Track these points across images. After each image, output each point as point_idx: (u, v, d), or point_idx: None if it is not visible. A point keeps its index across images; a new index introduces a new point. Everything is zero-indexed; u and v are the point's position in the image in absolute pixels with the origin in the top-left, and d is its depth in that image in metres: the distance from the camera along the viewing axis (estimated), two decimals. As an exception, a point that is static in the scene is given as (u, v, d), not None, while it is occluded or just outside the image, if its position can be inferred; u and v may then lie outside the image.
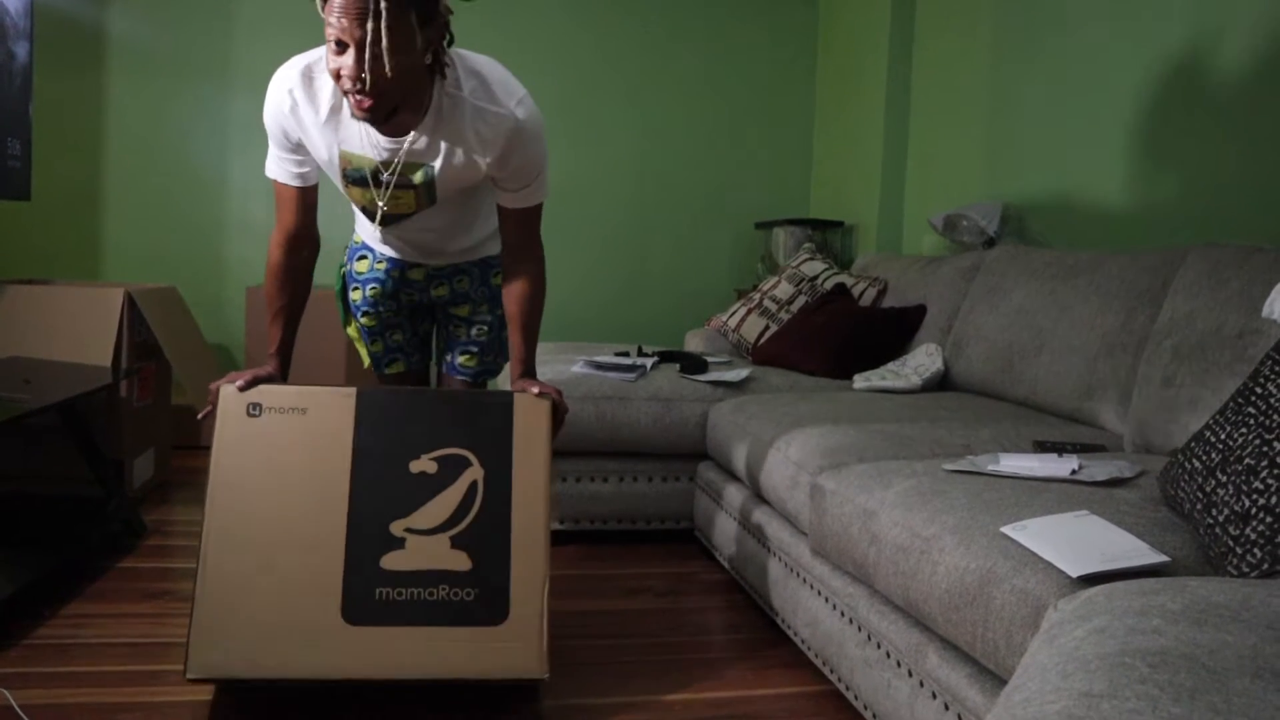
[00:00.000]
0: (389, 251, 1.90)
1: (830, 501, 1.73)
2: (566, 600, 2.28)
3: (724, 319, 3.56)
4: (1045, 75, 3.05)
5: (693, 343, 3.65)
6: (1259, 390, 1.27)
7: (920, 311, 2.97)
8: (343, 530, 1.56)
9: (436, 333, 2.06)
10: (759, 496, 2.24)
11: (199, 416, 1.68)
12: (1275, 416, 1.20)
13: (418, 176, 1.63)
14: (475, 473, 1.62)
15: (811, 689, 1.86)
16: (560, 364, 2.81)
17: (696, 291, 4.52)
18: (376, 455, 1.61)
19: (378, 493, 1.59)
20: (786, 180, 4.65)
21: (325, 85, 1.55)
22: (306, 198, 1.70)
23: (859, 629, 1.66)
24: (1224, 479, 1.22)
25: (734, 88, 4.55)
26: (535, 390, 1.70)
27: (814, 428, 2.07)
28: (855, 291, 3.30)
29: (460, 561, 1.58)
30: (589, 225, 4.40)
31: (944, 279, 2.95)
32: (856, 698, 1.67)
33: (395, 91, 1.44)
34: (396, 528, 1.58)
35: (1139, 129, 2.63)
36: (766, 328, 3.36)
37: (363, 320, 1.96)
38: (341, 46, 1.39)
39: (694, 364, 2.85)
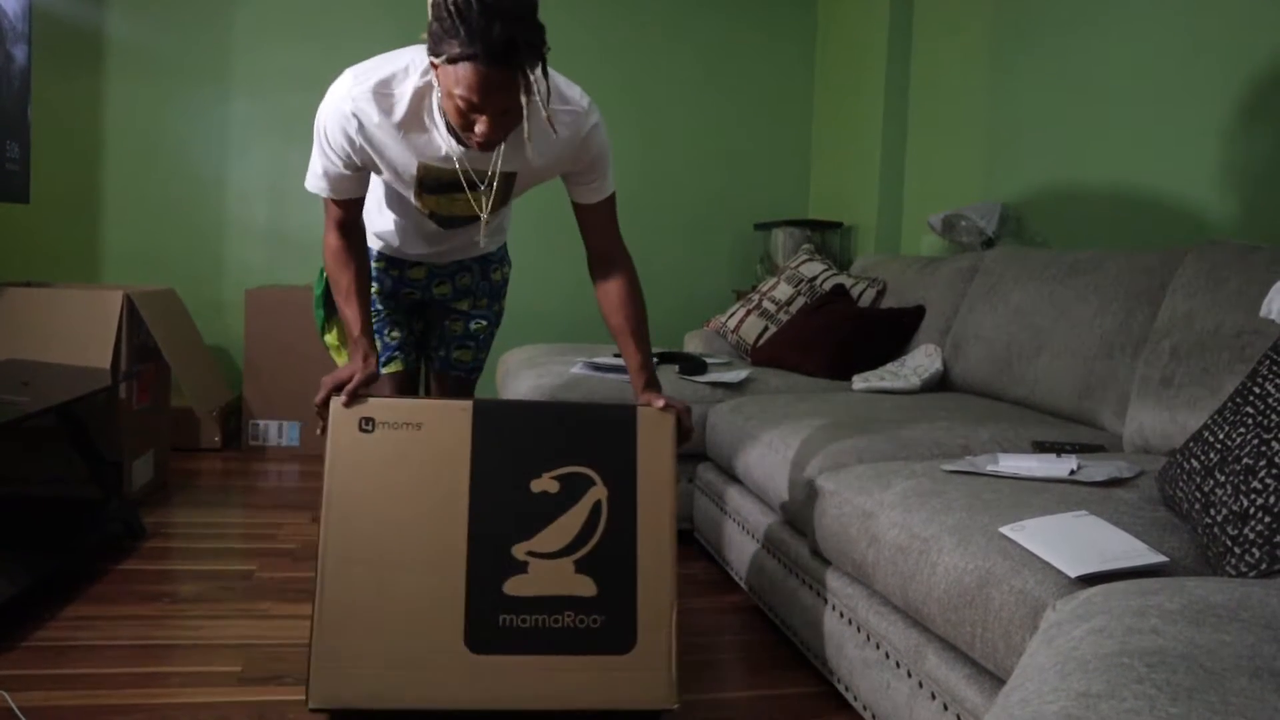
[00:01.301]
0: (399, 250, 1.88)
1: (829, 502, 1.73)
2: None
3: (723, 320, 3.56)
4: (1043, 75, 3.05)
5: (692, 344, 3.65)
6: (1257, 390, 1.27)
7: (919, 312, 2.97)
8: (464, 552, 1.49)
9: (428, 329, 2.04)
10: (758, 498, 2.24)
11: (317, 432, 1.60)
12: (1273, 416, 1.20)
13: (499, 183, 1.65)
14: (599, 492, 1.55)
15: (810, 690, 1.86)
16: (559, 365, 2.81)
17: (695, 292, 4.52)
18: (496, 473, 1.53)
19: (498, 513, 1.52)
20: (785, 181, 4.66)
21: (402, 98, 1.52)
22: (348, 204, 1.70)
23: (858, 629, 1.66)
24: (1222, 479, 1.22)
25: (733, 89, 4.56)
26: (660, 404, 1.64)
27: (813, 429, 2.07)
28: (854, 292, 3.30)
29: (586, 587, 1.51)
30: (588, 227, 4.40)
31: (943, 280, 2.95)
32: (856, 698, 1.67)
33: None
34: (519, 551, 1.51)
35: (1137, 128, 2.63)
36: (765, 329, 3.36)
37: None
38: (475, 109, 1.39)
39: (693, 365, 2.85)
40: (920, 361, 2.73)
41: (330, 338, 1.99)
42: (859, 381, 2.73)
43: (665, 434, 1.59)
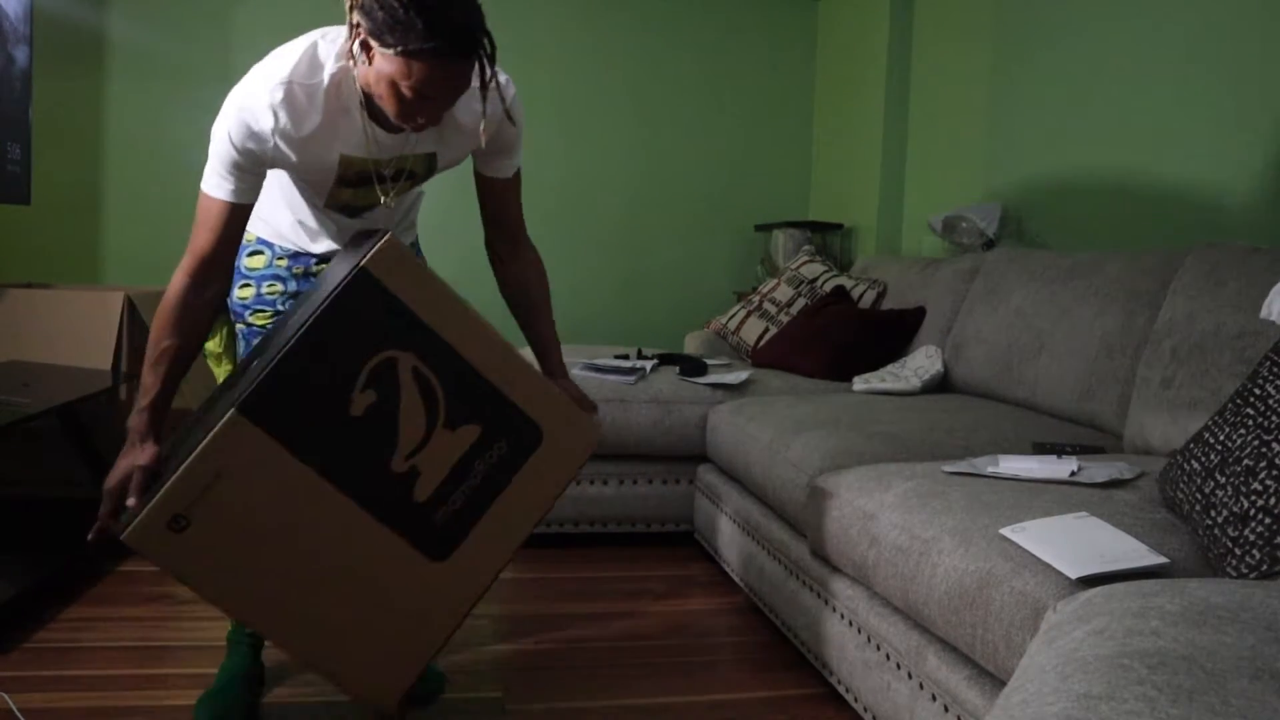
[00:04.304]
0: (305, 247, 1.76)
1: (829, 503, 1.73)
2: (567, 603, 2.28)
3: (723, 321, 3.56)
4: (1043, 76, 3.05)
5: (692, 345, 3.65)
6: (1257, 391, 1.27)
7: (919, 313, 2.97)
8: (363, 513, 1.43)
9: None
10: (759, 499, 2.24)
11: (89, 538, 1.44)
12: (1273, 417, 1.20)
13: (419, 166, 1.60)
14: (407, 360, 1.43)
15: (811, 691, 1.86)
16: (560, 366, 2.81)
17: (696, 294, 4.52)
18: (318, 437, 1.41)
19: (354, 461, 1.43)
20: (786, 182, 4.66)
21: (316, 94, 1.48)
22: (240, 215, 1.53)
23: (858, 631, 1.66)
24: (1223, 480, 1.22)
25: (734, 90, 4.56)
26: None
27: (813, 430, 2.07)
28: (855, 294, 3.30)
29: (471, 434, 1.47)
30: (589, 227, 4.40)
31: (943, 281, 2.95)
32: (856, 699, 1.67)
33: None
34: (398, 465, 1.44)
35: (1138, 129, 2.63)
36: (766, 330, 3.36)
37: (252, 319, 1.75)
38: (427, 99, 1.34)
39: (693, 366, 2.85)
40: (921, 363, 2.73)
41: (212, 343, 1.84)
42: (859, 383, 2.73)
43: (402, 259, 1.43)
